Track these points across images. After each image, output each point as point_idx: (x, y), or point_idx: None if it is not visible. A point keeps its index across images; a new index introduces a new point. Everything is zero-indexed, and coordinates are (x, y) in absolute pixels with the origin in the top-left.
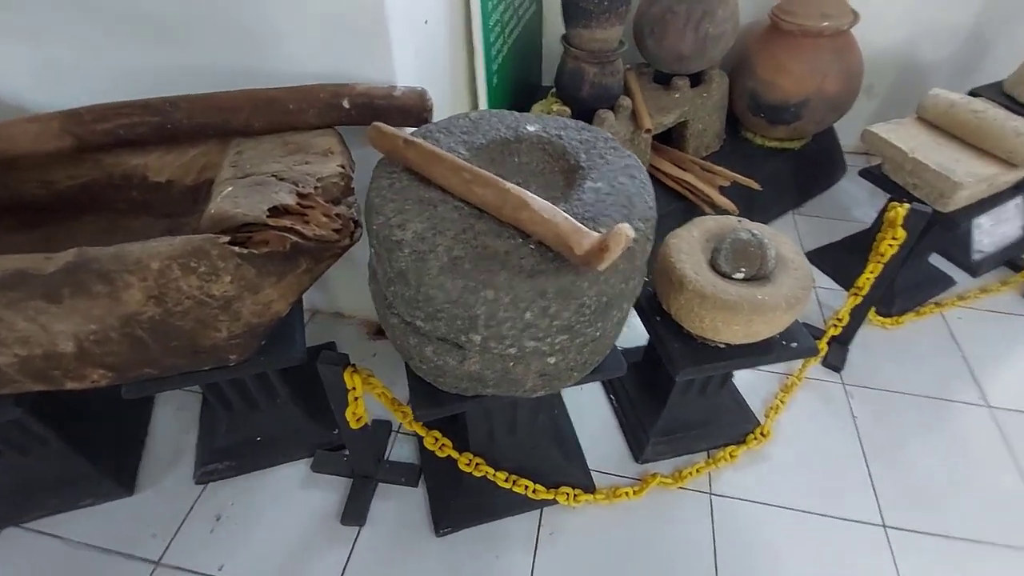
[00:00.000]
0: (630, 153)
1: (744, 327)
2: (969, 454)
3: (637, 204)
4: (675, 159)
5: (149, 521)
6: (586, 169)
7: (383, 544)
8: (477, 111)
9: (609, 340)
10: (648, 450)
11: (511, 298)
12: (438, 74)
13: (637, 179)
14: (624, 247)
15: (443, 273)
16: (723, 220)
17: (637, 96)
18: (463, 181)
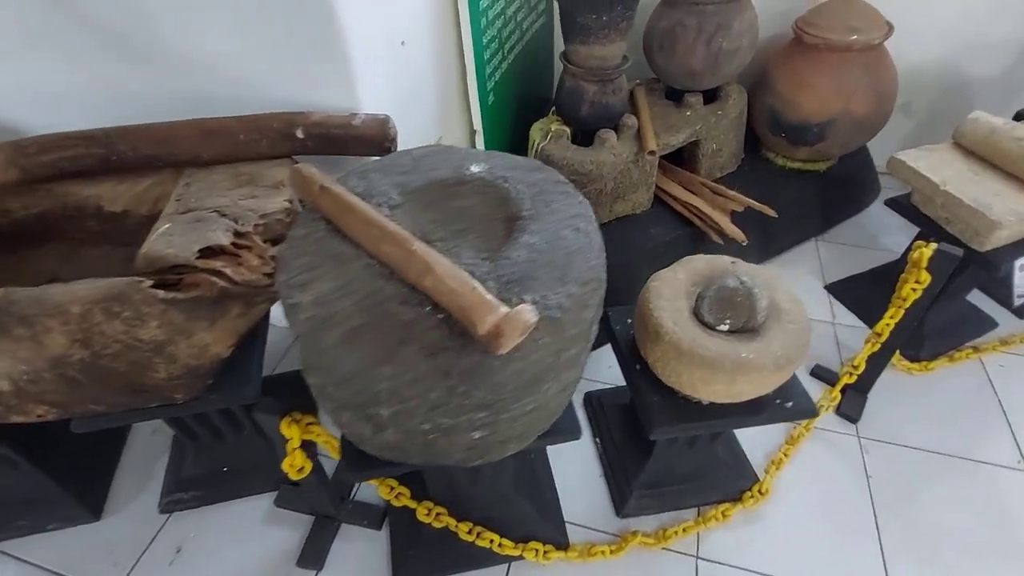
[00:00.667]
0: (582, 199)
1: (725, 387)
2: (999, 524)
3: (576, 264)
4: (684, 181)
5: (112, 548)
6: (526, 219)
7: None
8: (423, 148)
9: (551, 410)
10: (631, 504)
11: (412, 377)
12: (422, 96)
13: (583, 232)
14: (522, 333)
15: (338, 346)
16: (714, 261)
17: (643, 114)
18: (372, 237)
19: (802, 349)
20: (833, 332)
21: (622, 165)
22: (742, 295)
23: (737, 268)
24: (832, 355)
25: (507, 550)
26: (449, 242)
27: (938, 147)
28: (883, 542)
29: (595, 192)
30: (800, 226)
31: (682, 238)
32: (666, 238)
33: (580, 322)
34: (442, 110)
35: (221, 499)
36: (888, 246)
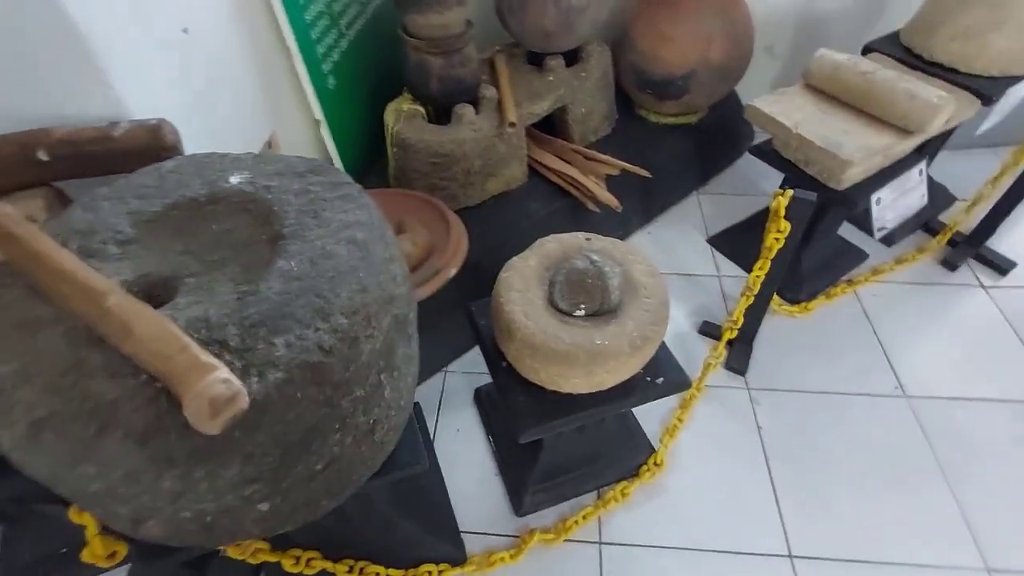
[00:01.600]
0: (367, 202)
1: (585, 379)
2: (881, 453)
3: (343, 288)
4: (557, 150)
5: None
6: (287, 239)
7: None
8: (174, 160)
9: (365, 455)
10: (527, 501)
11: (124, 473)
12: (232, 90)
13: (359, 244)
14: (216, 406)
15: (19, 448)
16: (566, 241)
17: (503, 84)
18: (64, 295)
19: (659, 326)
20: (719, 285)
21: (485, 141)
22: (593, 276)
23: (592, 244)
24: (719, 309)
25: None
26: (203, 277)
27: (790, 90)
28: (777, 492)
29: (463, 173)
30: (680, 181)
31: (560, 210)
32: (544, 212)
33: (358, 359)
34: (269, 102)
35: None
36: (767, 190)
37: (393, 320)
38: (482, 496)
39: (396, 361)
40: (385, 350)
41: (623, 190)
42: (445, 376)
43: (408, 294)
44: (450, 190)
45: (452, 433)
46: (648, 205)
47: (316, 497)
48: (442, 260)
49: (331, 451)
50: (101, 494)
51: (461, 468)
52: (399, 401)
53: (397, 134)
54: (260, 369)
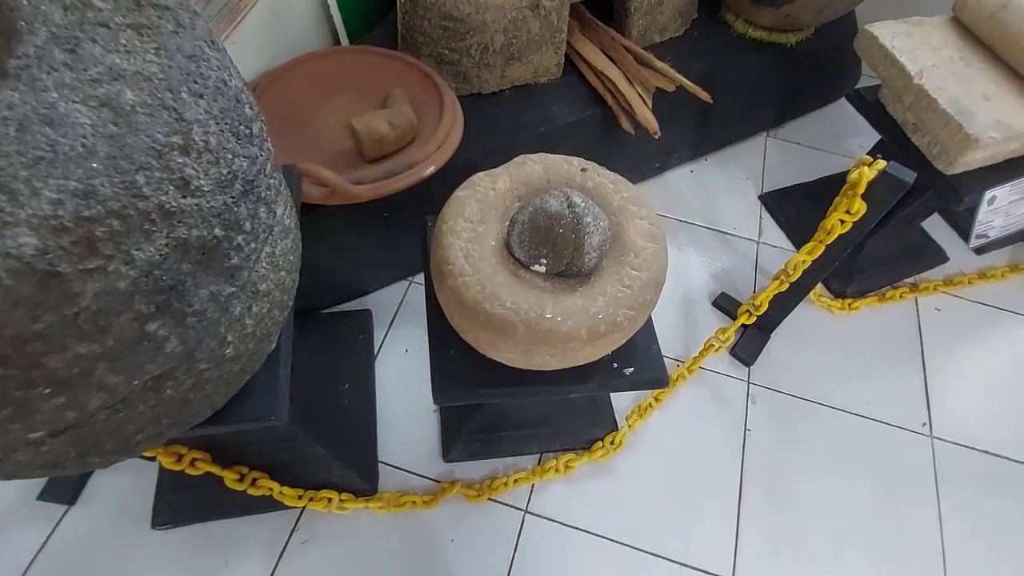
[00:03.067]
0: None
1: (521, 356)
2: (882, 501)
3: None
4: (604, 43)
5: None
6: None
7: (92, 528)
8: None
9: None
10: (458, 448)
11: None
12: None
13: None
14: None
15: None
16: (556, 167)
17: None
18: None
19: (638, 312)
20: (755, 253)
21: (514, 11)
22: (565, 225)
23: (585, 179)
24: (745, 281)
25: (289, 500)
26: None
27: (929, 20)
28: (740, 514)
29: (479, 48)
30: (749, 116)
31: (589, 120)
32: (569, 119)
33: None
34: None
35: None
36: (853, 151)
37: (177, 246)
38: (412, 430)
39: (182, 306)
40: (149, 291)
41: (675, 111)
42: (409, 285)
43: (213, 204)
44: (461, 67)
45: (399, 351)
46: (701, 137)
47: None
48: (422, 153)
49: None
50: None
51: (398, 393)
52: (201, 356)
53: None
54: None
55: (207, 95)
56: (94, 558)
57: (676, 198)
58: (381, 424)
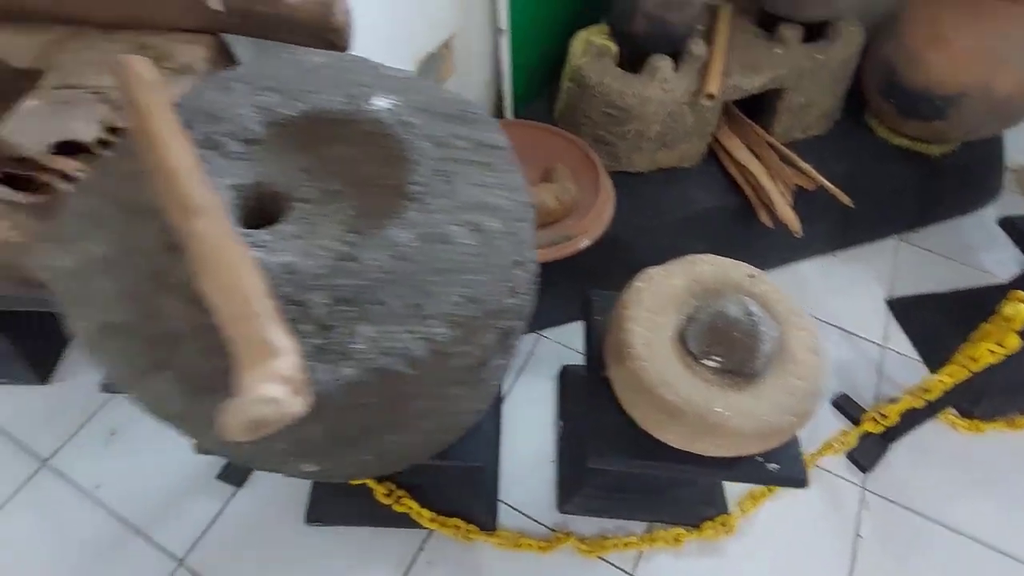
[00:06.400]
0: (511, 180)
1: (685, 440)
2: None
3: (448, 290)
4: (749, 138)
5: (51, 416)
6: (413, 200)
7: (253, 513)
8: (326, 54)
9: (422, 447)
10: (576, 501)
11: (173, 411)
12: None
13: (485, 235)
14: (251, 427)
15: (87, 343)
16: (726, 270)
17: (718, 43)
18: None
19: (801, 418)
20: (879, 357)
21: (673, 106)
22: (743, 331)
23: (754, 286)
24: (867, 384)
25: (425, 521)
26: (316, 207)
27: None
28: None
29: (635, 134)
30: (884, 218)
31: (727, 209)
32: (708, 205)
33: (442, 375)
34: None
35: None
36: (986, 266)
37: (497, 335)
38: (530, 475)
39: (485, 373)
40: (476, 365)
41: (808, 205)
42: (538, 339)
43: (524, 305)
44: (615, 148)
45: (525, 399)
46: (831, 233)
47: (366, 468)
48: (579, 226)
49: (384, 446)
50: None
51: (520, 439)
52: (475, 407)
53: (578, 69)
54: (334, 358)
55: (528, 218)
56: (252, 540)
57: (801, 290)
58: (502, 465)
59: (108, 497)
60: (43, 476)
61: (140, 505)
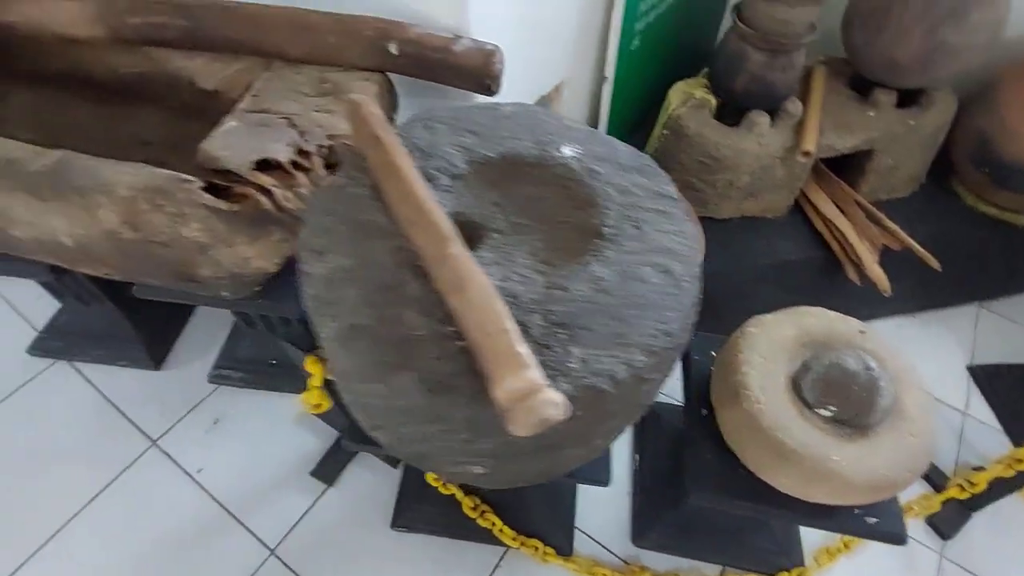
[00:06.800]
0: (688, 230)
1: (799, 485)
2: None
3: (642, 323)
4: (837, 195)
5: (162, 400)
6: (606, 240)
7: (341, 512)
8: (513, 106)
9: (582, 459)
10: (651, 537)
11: (405, 405)
12: (549, 26)
13: (673, 277)
14: (536, 427)
15: (336, 341)
16: (835, 324)
17: (813, 103)
18: (407, 218)
19: (914, 473)
20: (960, 424)
21: (767, 159)
22: (861, 384)
23: (865, 342)
24: (948, 450)
25: (507, 539)
26: (507, 237)
27: None
28: None
29: (726, 183)
30: (968, 284)
31: (813, 262)
32: (793, 257)
33: (631, 399)
34: (572, 47)
35: (263, 387)
36: None
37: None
38: (605, 504)
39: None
40: (651, 394)
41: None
42: None
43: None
44: (703, 195)
45: None
46: (913, 294)
47: (520, 479)
48: None
49: (560, 458)
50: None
51: None
52: (627, 425)
53: (676, 118)
54: (552, 374)
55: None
56: (339, 538)
57: None
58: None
59: (208, 481)
60: (151, 455)
61: (237, 492)
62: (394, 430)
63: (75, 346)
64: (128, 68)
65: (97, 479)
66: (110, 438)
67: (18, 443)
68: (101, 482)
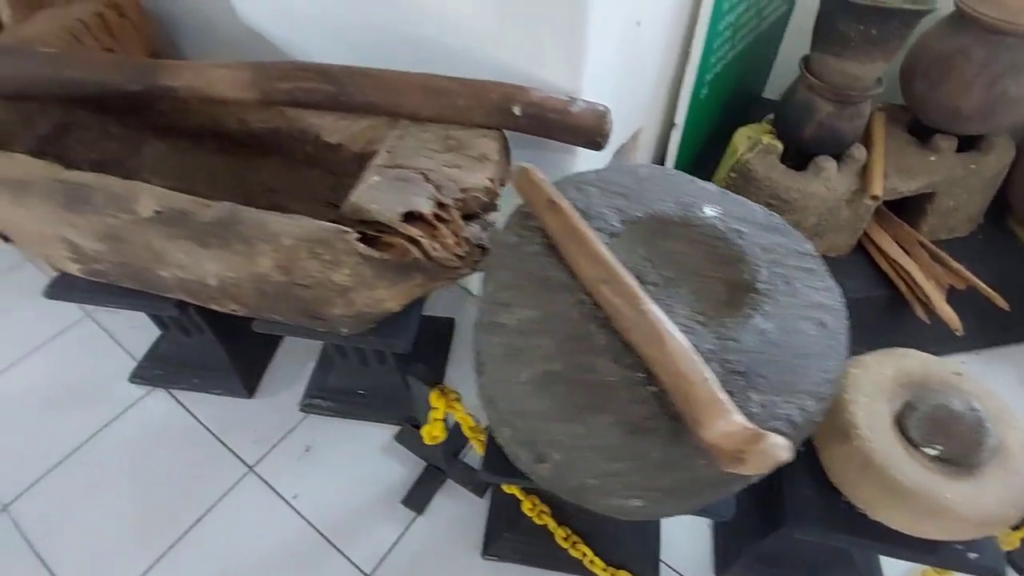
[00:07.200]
0: (831, 285)
1: (910, 521)
2: None
3: (810, 371)
4: (900, 236)
5: (256, 427)
6: (760, 295)
7: (432, 540)
8: (647, 167)
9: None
10: (735, 571)
11: (599, 444)
12: (634, 82)
13: (828, 330)
14: (768, 468)
15: (530, 385)
16: (931, 366)
17: (877, 149)
18: (596, 277)
19: (1019, 510)
20: None
21: (833, 202)
22: (968, 425)
23: (961, 383)
24: None
25: (597, 569)
26: (661, 290)
27: None
28: None
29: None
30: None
31: (878, 301)
32: (859, 295)
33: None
34: (648, 99)
35: (351, 416)
36: None
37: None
38: (687, 535)
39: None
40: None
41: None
42: None
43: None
44: None
45: None
46: (978, 330)
47: (666, 512)
48: None
49: (717, 494)
50: (560, 444)
51: None
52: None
53: (744, 162)
54: None
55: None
56: (431, 566)
57: None
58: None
59: (304, 507)
60: (249, 481)
61: (332, 518)
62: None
63: (173, 374)
64: (261, 123)
65: (199, 503)
66: (208, 464)
67: (122, 467)
68: (203, 506)
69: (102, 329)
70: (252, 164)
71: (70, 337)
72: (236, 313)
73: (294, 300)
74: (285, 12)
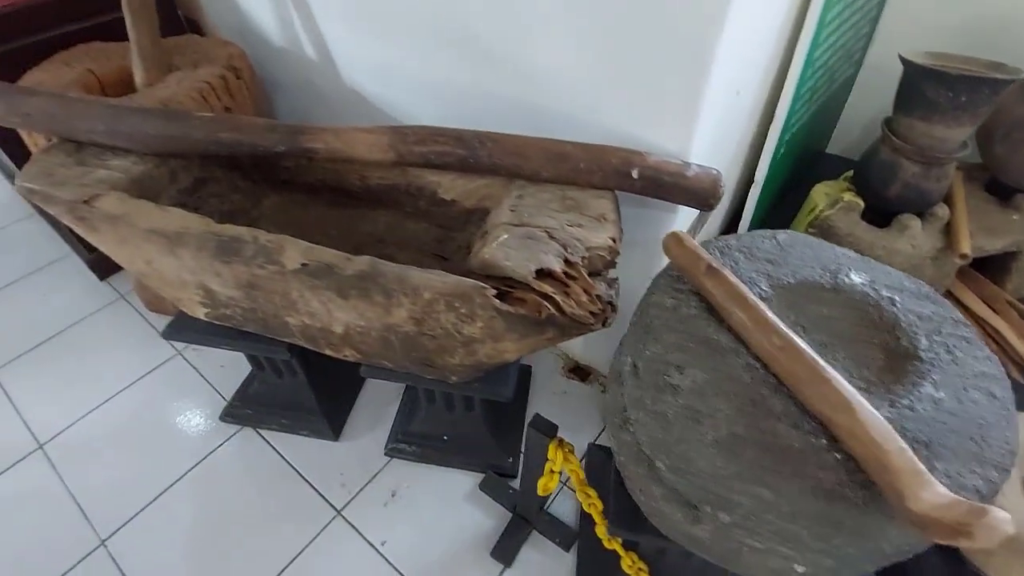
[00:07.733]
0: (990, 354)
1: None
2: None
3: (993, 440)
4: (987, 295)
5: (342, 470)
6: (925, 363)
7: None
8: (786, 233)
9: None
10: None
11: (790, 511)
12: (728, 144)
13: (999, 400)
14: (995, 543)
15: (718, 448)
16: None
17: (959, 207)
18: (770, 343)
19: None
20: None
21: (918, 260)
22: None
23: None
24: None
25: None
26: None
27: None
28: None
29: None
30: None
31: None
32: None
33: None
34: (734, 159)
35: (434, 462)
36: None
37: None
38: None
39: None
40: None
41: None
42: None
43: None
44: None
45: None
46: None
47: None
48: None
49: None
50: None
51: None
52: None
53: (825, 219)
54: None
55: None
56: None
57: None
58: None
59: (393, 554)
60: (337, 525)
61: (420, 567)
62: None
63: (262, 414)
64: (380, 180)
65: (290, 546)
66: (297, 505)
67: (212, 505)
68: (294, 548)
69: (191, 366)
70: (360, 215)
71: (162, 374)
72: (347, 359)
73: (415, 349)
74: (388, 72)
